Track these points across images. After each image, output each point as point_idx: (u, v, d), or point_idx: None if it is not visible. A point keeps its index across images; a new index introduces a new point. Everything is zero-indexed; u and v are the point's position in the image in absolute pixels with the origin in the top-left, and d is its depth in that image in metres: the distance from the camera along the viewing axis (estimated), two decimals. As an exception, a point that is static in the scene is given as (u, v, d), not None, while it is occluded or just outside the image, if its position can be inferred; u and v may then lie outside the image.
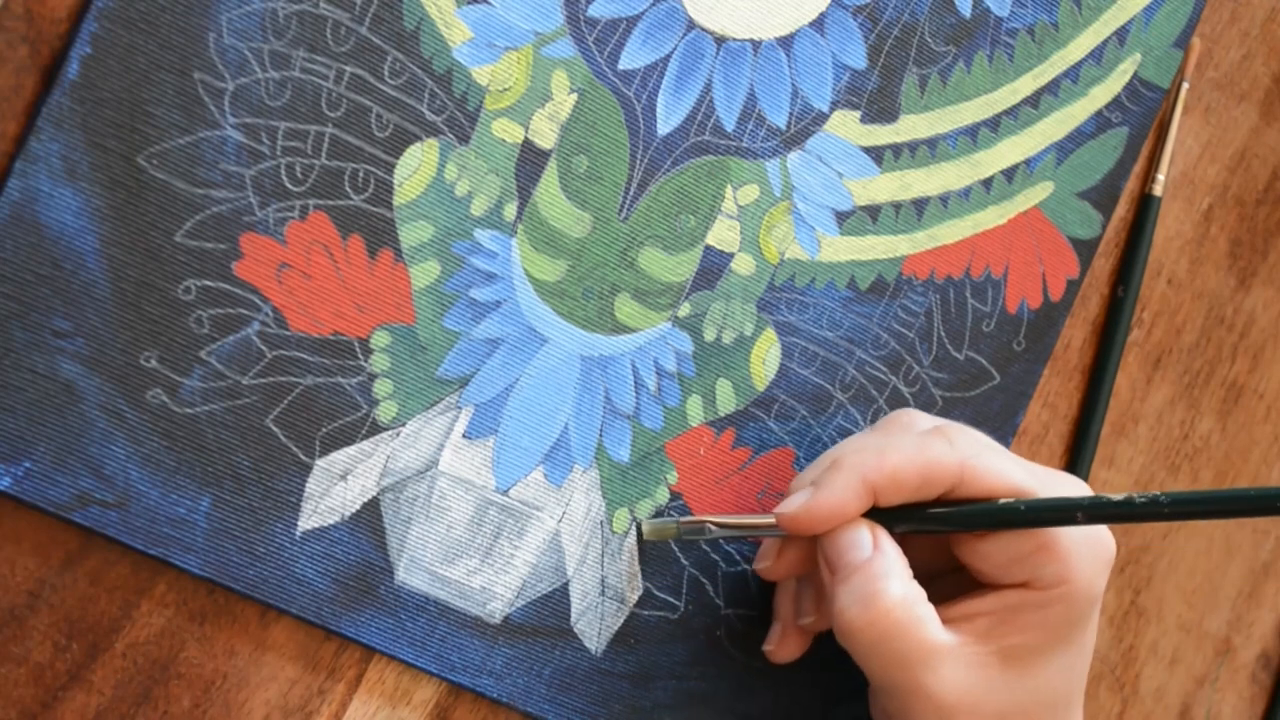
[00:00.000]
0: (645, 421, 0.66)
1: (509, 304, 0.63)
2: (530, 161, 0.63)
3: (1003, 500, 0.62)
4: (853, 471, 0.62)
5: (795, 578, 0.67)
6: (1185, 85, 0.74)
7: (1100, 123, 0.72)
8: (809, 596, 0.66)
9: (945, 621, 0.62)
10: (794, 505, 0.62)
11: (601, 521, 0.65)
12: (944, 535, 0.63)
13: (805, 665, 0.69)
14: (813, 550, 0.64)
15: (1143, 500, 0.58)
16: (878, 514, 0.62)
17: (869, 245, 0.69)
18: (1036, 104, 0.71)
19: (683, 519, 0.65)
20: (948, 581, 0.64)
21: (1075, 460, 0.74)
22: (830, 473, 0.62)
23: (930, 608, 0.62)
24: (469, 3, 0.61)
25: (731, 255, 0.66)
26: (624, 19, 0.64)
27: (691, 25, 0.65)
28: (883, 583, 0.61)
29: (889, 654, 0.61)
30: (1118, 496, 0.59)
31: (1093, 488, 0.75)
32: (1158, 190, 0.74)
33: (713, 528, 0.64)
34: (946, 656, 0.61)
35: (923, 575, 0.63)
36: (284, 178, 0.60)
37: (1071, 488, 0.64)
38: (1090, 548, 0.62)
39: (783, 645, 0.67)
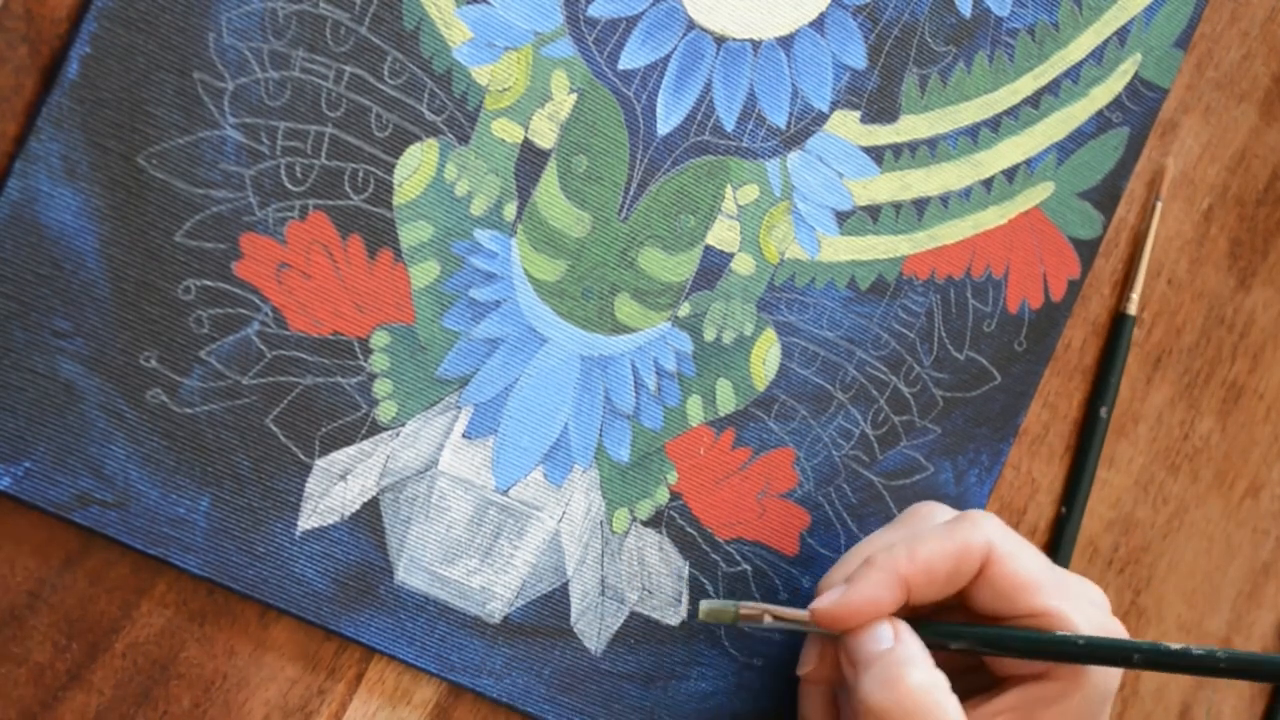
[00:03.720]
0: (645, 421, 0.66)
1: (509, 304, 0.63)
2: (530, 161, 0.63)
3: (1060, 632, 0.62)
4: (885, 568, 0.63)
5: (826, 689, 0.67)
6: (1159, 204, 0.74)
7: (1101, 123, 0.72)
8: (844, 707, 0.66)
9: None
10: (828, 601, 0.63)
11: (601, 521, 0.65)
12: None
13: (805, 665, 0.69)
14: None
15: (1199, 653, 0.60)
16: (935, 630, 0.63)
17: (869, 245, 0.69)
18: (1037, 104, 0.71)
19: (742, 605, 0.65)
20: (966, 677, 0.65)
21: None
22: (864, 569, 0.63)
23: (953, 697, 0.62)
24: (469, 2, 0.61)
25: (731, 255, 0.66)
26: (624, 19, 0.64)
27: (691, 25, 0.65)
28: (905, 668, 0.61)
29: None
30: (1175, 646, 0.61)
31: (1095, 489, 0.75)
32: (1131, 309, 0.74)
33: (769, 619, 0.64)
34: None
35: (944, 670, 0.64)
36: (284, 178, 0.60)
37: (1086, 590, 0.65)
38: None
39: (821, 667, 0.67)
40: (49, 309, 0.57)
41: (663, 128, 0.65)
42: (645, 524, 0.66)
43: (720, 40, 0.65)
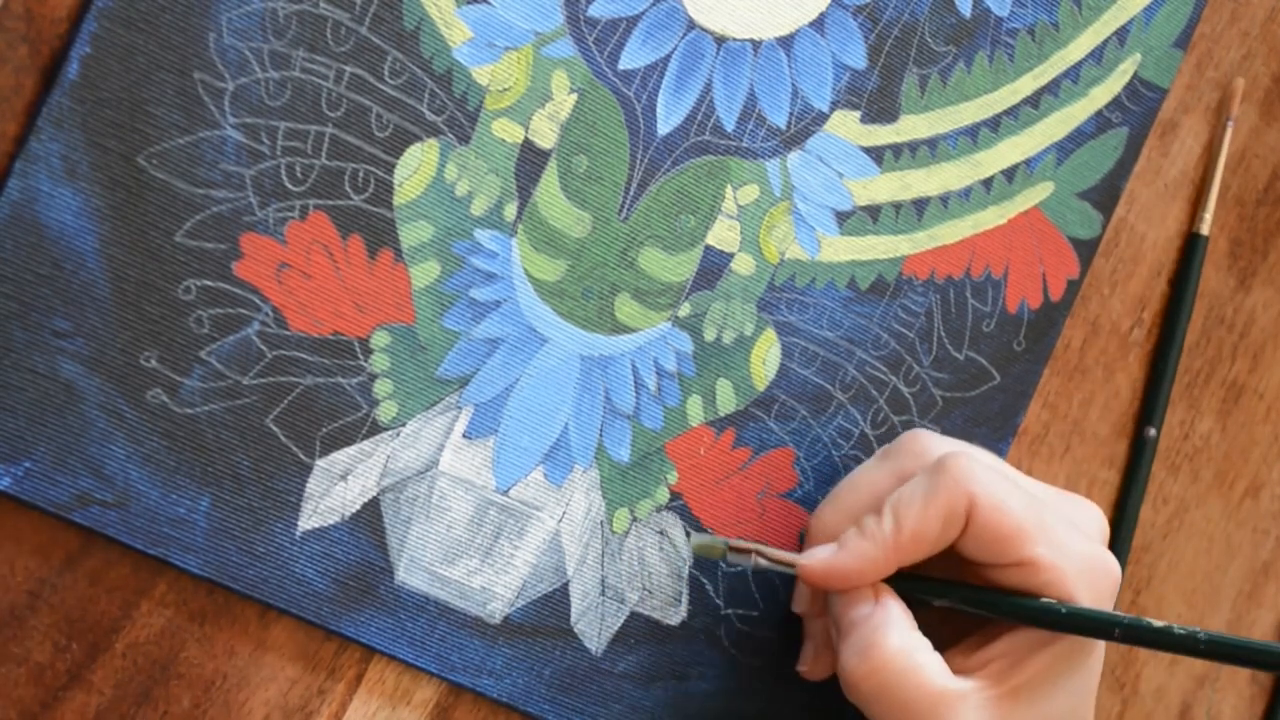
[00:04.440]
0: (645, 421, 0.66)
1: (509, 304, 0.63)
2: (530, 161, 0.63)
3: (1045, 600, 0.62)
4: (876, 540, 0.62)
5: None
6: (1230, 124, 0.74)
7: (1100, 123, 0.72)
8: None
9: (960, 670, 0.63)
10: (817, 564, 0.63)
11: (601, 521, 0.65)
12: (961, 567, 0.64)
13: (805, 665, 0.69)
14: None
15: (1180, 633, 0.61)
16: (918, 586, 0.63)
17: (869, 245, 0.69)
18: (1037, 104, 0.71)
19: (732, 542, 0.65)
20: (957, 621, 0.65)
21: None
22: (855, 538, 0.63)
23: (934, 656, 0.62)
24: (469, 2, 0.61)
25: (731, 255, 0.66)
26: (624, 19, 0.64)
27: (691, 25, 0.65)
28: (880, 634, 0.61)
29: (893, 703, 0.61)
30: (1158, 624, 0.61)
31: (1095, 488, 0.75)
32: (1204, 229, 0.75)
33: (758, 560, 0.64)
34: (957, 703, 0.62)
35: (941, 617, 0.64)
36: (284, 178, 0.60)
37: (1077, 514, 0.65)
38: (1093, 578, 0.63)
39: (817, 664, 0.67)
40: (49, 309, 0.57)
41: (663, 128, 0.65)
42: (645, 524, 0.66)
43: (720, 40, 0.65)
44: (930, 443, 0.66)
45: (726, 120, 0.66)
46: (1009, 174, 0.71)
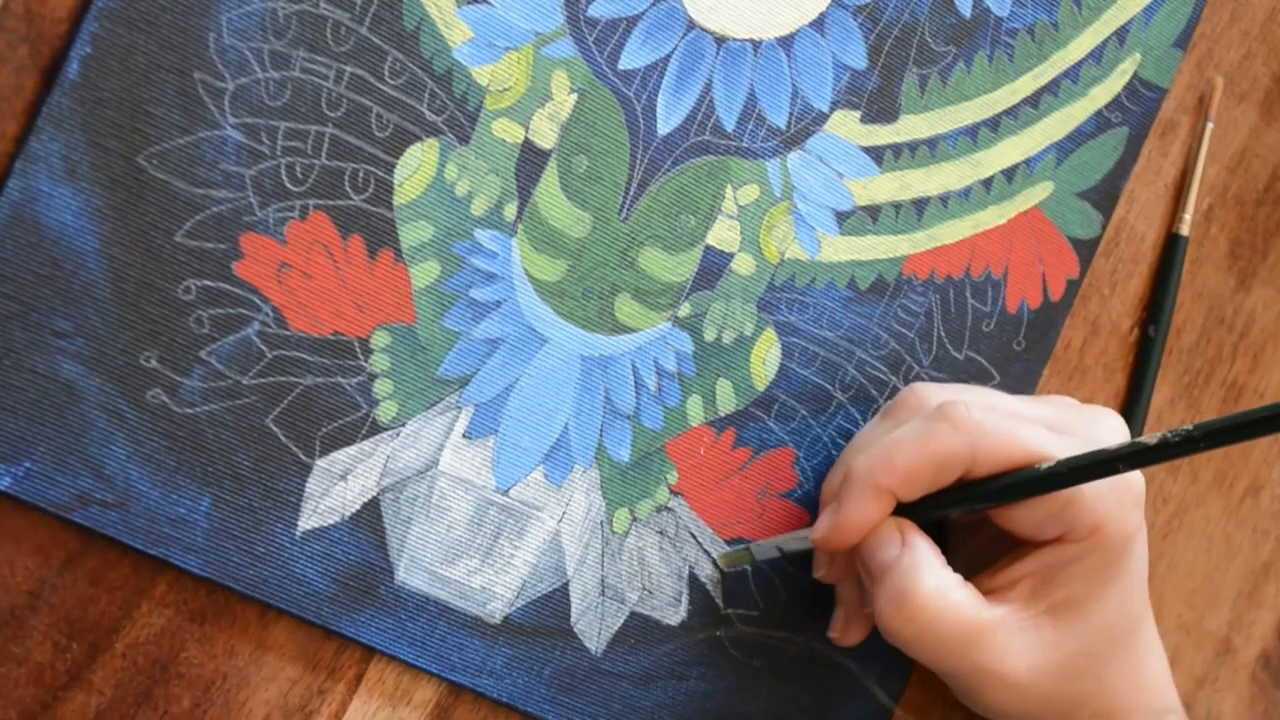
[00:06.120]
0: (645, 421, 0.66)
1: (509, 304, 0.63)
2: (530, 161, 0.63)
3: (1043, 466, 0.62)
4: (865, 483, 0.63)
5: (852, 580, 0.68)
6: (1210, 125, 0.74)
7: (1100, 123, 0.72)
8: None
9: (989, 592, 0.63)
10: (822, 528, 0.64)
11: (601, 521, 0.65)
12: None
13: (806, 665, 0.69)
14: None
15: (1176, 438, 0.58)
16: (908, 508, 0.63)
17: (869, 245, 0.69)
18: (1036, 104, 0.71)
19: (753, 545, 0.67)
20: (996, 546, 0.65)
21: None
22: (845, 487, 0.63)
23: (966, 590, 0.63)
24: (469, 3, 0.61)
25: (731, 255, 0.66)
26: (624, 19, 0.64)
27: (691, 25, 0.65)
28: (912, 579, 0.62)
29: (935, 645, 0.62)
30: (1153, 439, 0.59)
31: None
32: (1184, 229, 0.75)
33: (778, 551, 0.66)
34: (996, 630, 0.62)
35: (974, 547, 0.65)
36: (284, 178, 0.60)
37: (1093, 424, 0.65)
38: (1116, 490, 0.63)
39: (847, 630, 0.68)
40: (49, 309, 0.57)
41: (663, 128, 0.65)
42: (645, 524, 0.66)
43: (720, 40, 0.65)
44: (928, 394, 0.66)
45: (726, 120, 0.66)
46: (1009, 174, 0.71)
